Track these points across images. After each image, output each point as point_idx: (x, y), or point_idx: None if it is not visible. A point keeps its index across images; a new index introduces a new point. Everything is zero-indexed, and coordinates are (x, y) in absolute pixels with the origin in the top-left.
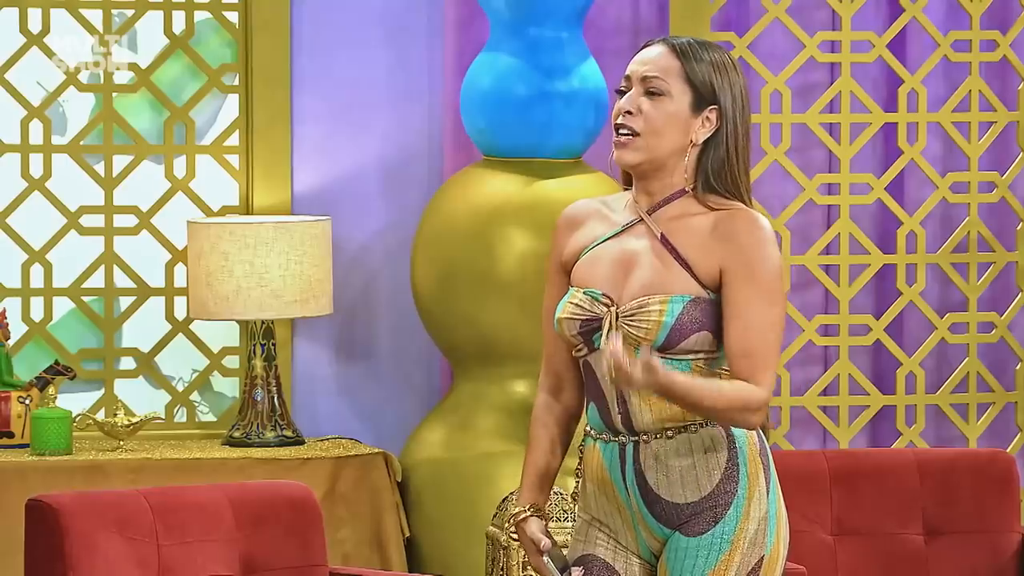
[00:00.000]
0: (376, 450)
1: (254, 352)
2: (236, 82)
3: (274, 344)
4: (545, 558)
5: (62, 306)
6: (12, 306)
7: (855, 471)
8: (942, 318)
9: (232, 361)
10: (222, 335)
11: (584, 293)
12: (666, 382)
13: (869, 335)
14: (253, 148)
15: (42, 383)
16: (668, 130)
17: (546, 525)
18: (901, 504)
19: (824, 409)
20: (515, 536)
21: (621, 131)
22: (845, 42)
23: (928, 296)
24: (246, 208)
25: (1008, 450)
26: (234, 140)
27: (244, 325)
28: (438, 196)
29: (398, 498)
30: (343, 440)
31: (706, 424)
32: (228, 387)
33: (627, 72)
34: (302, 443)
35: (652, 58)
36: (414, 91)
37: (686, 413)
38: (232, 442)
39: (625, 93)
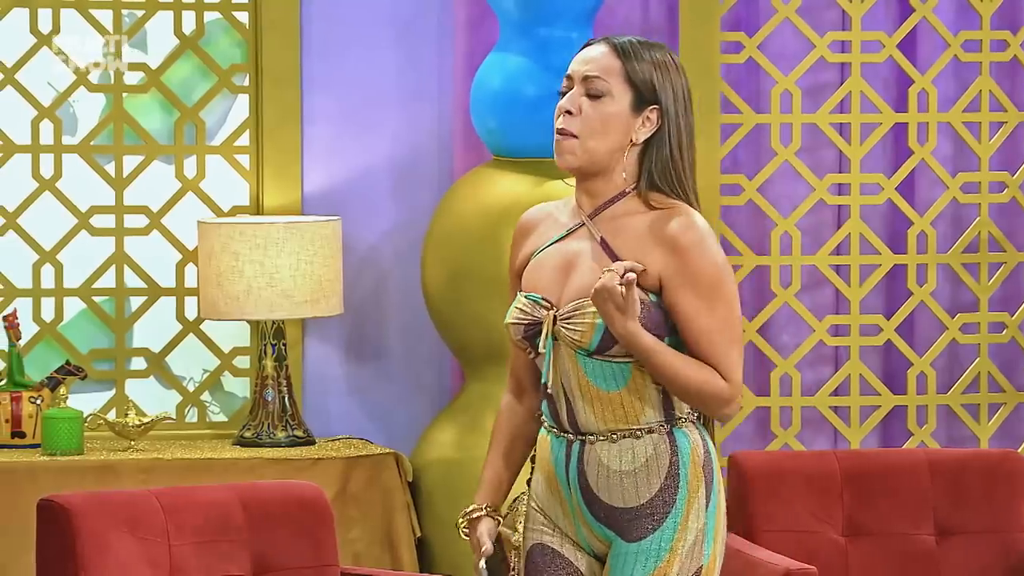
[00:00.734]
0: (387, 450)
1: (265, 352)
2: (246, 82)
3: (285, 344)
4: (481, 564)
5: (73, 306)
6: (23, 306)
7: (866, 471)
8: (953, 318)
9: (243, 361)
10: (233, 335)
11: (526, 298)
12: (635, 329)
13: (880, 335)
14: (263, 148)
15: (53, 383)
16: (607, 131)
17: (498, 525)
18: (912, 504)
19: (835, 409)
20: (467, 533)
21: (560, 132)
22: (855, 42)
23: (939, 296)
24: (256, 208)
25: (1020, 450)
26: (244, 140)
27: (255, 325)
28: (448, 196)
29: (409, 498)
30: (354, 440)
31: (652, 431)
32: (239, 387)
33: (568, 72)
34: (313, 443)
35: (594, 57)
36: (424, 91)
37: (631, 417)
38: (243, 442)
39: (567, 93)
